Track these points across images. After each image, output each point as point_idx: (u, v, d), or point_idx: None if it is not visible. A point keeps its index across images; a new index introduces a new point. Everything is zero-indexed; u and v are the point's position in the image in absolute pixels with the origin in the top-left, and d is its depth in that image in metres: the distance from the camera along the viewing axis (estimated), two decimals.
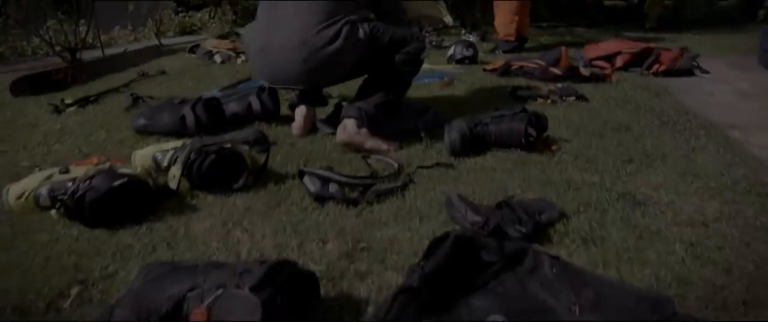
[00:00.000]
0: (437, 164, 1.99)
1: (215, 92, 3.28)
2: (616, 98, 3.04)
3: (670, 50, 3.87)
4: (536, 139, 2.13)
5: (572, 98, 2.96)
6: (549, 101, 2.92)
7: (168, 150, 1.88)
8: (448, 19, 7.12)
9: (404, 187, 1.78)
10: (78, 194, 1.52)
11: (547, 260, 1.15)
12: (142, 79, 3.76)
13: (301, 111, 2.39)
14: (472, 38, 5.53)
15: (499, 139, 2.13)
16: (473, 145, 2.11)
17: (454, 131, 2.09)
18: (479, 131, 2.14)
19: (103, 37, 6.58)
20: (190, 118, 2.31)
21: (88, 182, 1.54)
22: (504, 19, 4.88)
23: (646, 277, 1.26)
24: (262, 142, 2.08)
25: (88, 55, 5.41)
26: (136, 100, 2.97)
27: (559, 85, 3.21)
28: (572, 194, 1.72)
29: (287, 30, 2.16)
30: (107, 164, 1.67)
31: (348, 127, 2.18)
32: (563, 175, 1.89)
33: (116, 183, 1.53)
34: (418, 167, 1.96)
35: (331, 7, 2.13)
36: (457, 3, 7.72)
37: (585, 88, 3.24)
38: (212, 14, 7.22)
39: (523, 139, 2.07)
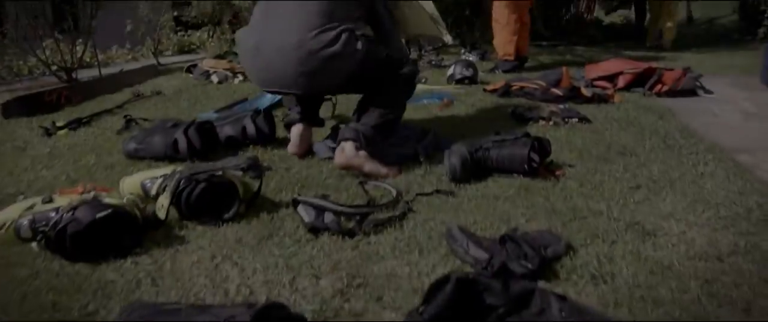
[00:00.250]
0: (437, 191, 1.92)
1: (211, 114, 3.23)
2: (619, 120, 2.97)
3: (672, 70, 3.82)
4: (539, 164, 2.06)
5: (575, 120, 2.90)
6: (551, 123, 2.86)
7: (157, 177, 1.81)
8: (448, 38, 7.04)
9: (403, 216, 1.71)
10: (60, 226, 1.44)
11: (555, 302, 1.07)
12: (137, 100, 3.70)
13: (297, 129, 2.33)
14: (471, 57, 5.49)
15: (501, 165, 2.06)
16: (474, 170, 2.04)
17: (454, 156, 2.02)
18: (480, 156, 2.07)
19: (101, 57, 6.55)
20: (182, 142, 2.24)
21: (71, 213, 1.47)
22: (503, 39, 4.85)
23: (660, 317, 1.19)
24: (256, 169, 2.01)
25: (85, 75, 5.38)
26: (128, 122, 2.91)
27: (561, 106, 3.15)
28: (578, 223, 1.65)
29: (284, 29, 2.09)
30: (92, 193, 1.59)
31: (346, 150, 2.10)
32: (568, 203, 1.82)
33: (100, 215, 1.46)
34: (417, 194, 1.89)
35: (332, 9, 2.08)
36: (457, 22, 7.72)
37: (587, 110, 3.19)
38: (211, 33, 7.18)
39: (525, 165, 2.00)
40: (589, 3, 8.34)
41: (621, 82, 3.86)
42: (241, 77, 4.45)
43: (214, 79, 4.41)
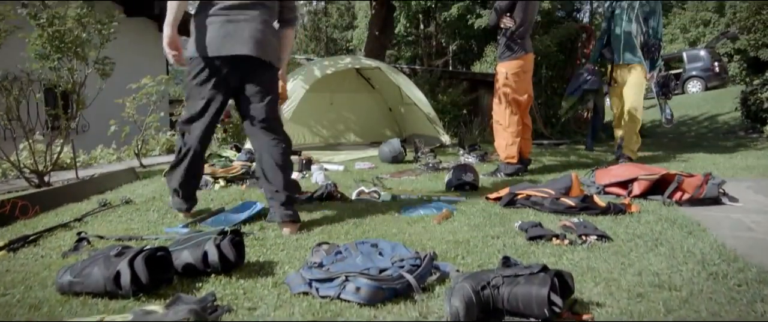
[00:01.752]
0: None
1: (179, 229, 2.86)
2: (643, 237, 2.59)
3: (692, 176, 3.49)
4: (561, 307, 1.65)
5: (593, 238, 2.52)
6: (566, 242, 2.47)
7: None
8: (446, 138, 6.87)
9: None
10: None
11: None
12: (102, 211, 3.33)
13: None
14: (471, 159, 5.20)
15: (515, 308, 1.66)
16: (481, 315, 1.63)
17: (456, 297, 1.62)
18: (488, 296, 1.67)
19: (84, 157, 6.29)
20: (125, 275, 1.85)
21: None
22: (505, 141, 4.58)
23: None
24: (209, 313, 1.60)
25: (61, 178, 5.07)
26: (79, 241, 2.53)
27: (575, 220, 2.79)
28: None
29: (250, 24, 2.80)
30: None
31: None
32: None
33: None
34: None
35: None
36: (455, 121, 7.57)
37: (604, 223, 2.82)
38: None
39: (545, 310, 1.60)
40: None
41: (637, 189, 3.52)
42: (221, 182, 4.13)
43: None
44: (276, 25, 3.06)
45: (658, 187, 3.51)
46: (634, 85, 5.25)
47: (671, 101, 5.74)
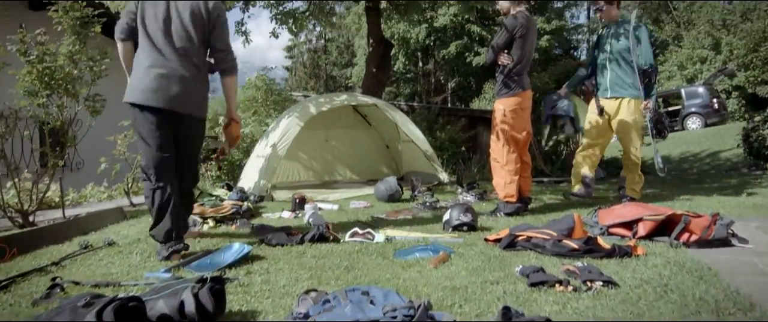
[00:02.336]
0: None
1: (160, 273, 2.71)
2: (651, 282, 2.44)
3: (699, 216, 3.35)
4: None
5: (598, 284, 2.37)
6: (571, 289, 2.32)
7: None
8: (444, 176, 6.75)
9: None
10: None
11: None
12: (83, 253, 3.18)
13: None
14: (469, 197, 5.06)
15: None
16: None
17: None
18: None
19: (74, 196, 6.15)
20: None
21: None
22: (503, 179, 4.45)
23: None
24: None
25: (48, 217, 4.93)
26: (52, 288, 2.38)
27: (579, 264, 2.64)
28: None
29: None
30: None
31: None
32: None
33: None
34: None
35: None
36: (453, 158, 7.46)
37: (609, 267, 2.68)
38: None
39: None
40: None
41: (642, 230, 3.37)
42: (210, 223, 3.98)
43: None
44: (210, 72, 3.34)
45: (664, 227, 3.36)
46: (625, 127, 4.90)
47: (672, 138, 5.58)
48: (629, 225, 3.48)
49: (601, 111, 4.98)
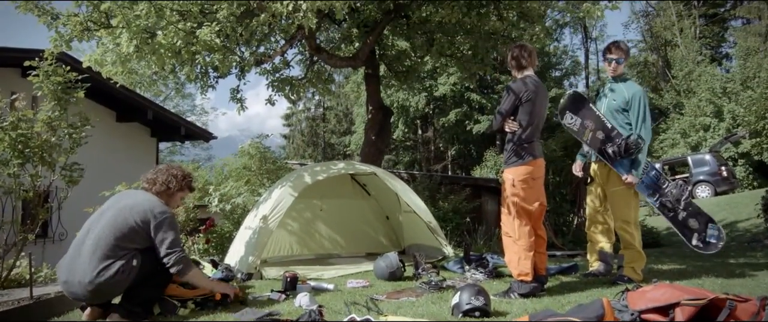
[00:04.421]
0: None
1: None
2: None
3: (745, 300, 2.92)
4: None
5: None
6: None
7: None
8: (448, 250, 6.30)
9: None
10: None
11: None
12: None
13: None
14: (478, 276, 4.61)
15: None
16: None
17: None
18: None
19: (48, 272, 5.70)
20: None
21: None
22: (516, 255, 4.02)
23: None
24: None
25: (15, 296, 4.48)
26: None
27: None
28: None
29: (82, 269, 3.31)
30: None
31: None
32: None
33: None
34: None
35: (111, 251, 3.34)
36: (457, 229, 7.03)
37: None
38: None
39: None
40: None
41: (680, 316, 2.92)
42: (191, 305, 3.54)
43: (156, 309, 3.49)
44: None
45: (706, 313, 2.93)
46: (614, 197, 4.53)
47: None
48: (665, 310, 3.04)
49: (590, 179, 4.70)
